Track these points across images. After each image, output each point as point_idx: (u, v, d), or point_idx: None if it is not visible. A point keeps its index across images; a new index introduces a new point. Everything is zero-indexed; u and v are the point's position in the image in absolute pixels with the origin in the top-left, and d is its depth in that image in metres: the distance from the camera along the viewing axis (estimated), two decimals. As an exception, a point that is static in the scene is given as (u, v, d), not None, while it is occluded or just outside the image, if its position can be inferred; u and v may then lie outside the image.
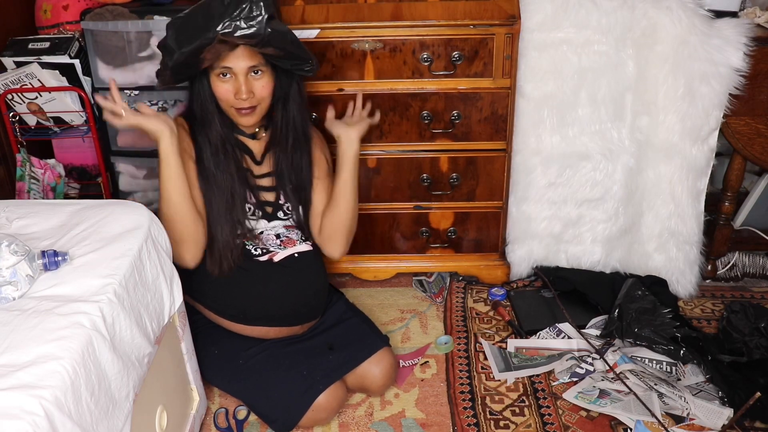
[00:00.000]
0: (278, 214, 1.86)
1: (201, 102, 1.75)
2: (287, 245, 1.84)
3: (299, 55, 1.69)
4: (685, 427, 1.77)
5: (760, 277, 2.43)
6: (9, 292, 1.24)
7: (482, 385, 1.96)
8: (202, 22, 1.58)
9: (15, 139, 2.23)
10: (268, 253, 1.81)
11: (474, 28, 1.97)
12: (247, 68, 1.68)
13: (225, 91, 1.71)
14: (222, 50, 1.64)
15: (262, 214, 1.83)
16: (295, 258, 1.83)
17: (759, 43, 2.00)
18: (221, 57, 1.66)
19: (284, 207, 1.87)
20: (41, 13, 2.27)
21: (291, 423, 1.76)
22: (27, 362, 1.09)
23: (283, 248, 1.83)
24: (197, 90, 1.75)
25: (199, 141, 1.76)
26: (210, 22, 1.57)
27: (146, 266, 1.42)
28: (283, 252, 1.83)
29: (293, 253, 1.83)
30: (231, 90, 1.70)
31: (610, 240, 2.28)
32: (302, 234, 1.88)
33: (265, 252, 1.81)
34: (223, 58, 1.66)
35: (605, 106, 2.11)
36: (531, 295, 2.32)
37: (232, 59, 1.66)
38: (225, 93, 1.71)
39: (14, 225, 1.45)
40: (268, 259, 1.81)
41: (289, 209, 1.87)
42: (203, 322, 1.87)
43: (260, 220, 1.83)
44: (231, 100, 1.71)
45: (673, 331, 2.01)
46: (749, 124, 2.12)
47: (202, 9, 1.60)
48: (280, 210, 1.86)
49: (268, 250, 1.82)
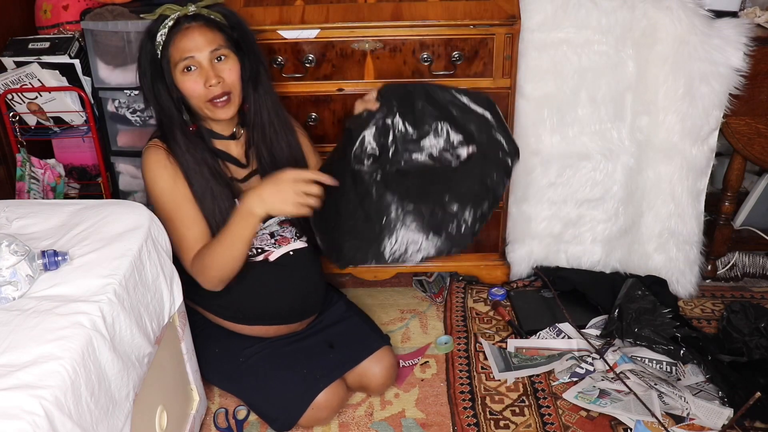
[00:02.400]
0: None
1: (168, 116, 1.70)
2: (282, 243, 1.83)
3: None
4: (685, 427, 1.77)
5: (760, 277, 2.43)
6: (9, 292, 1.24)
7: (482, 385, 1.96)
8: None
9: (15, 139, 2.23)
10: (263, 252, 1.80)
11: (474, 28, 1.97)
12: (209, 53, 1.65)
13: (194, 85, 1.66)
14: (180, 40, 1.64)
15: None
16: (290, 256, 1.82)
17: (759, 43, 2.00)
18: (180, 47, 1.64)
19: None
20: (41, 13, 2.27)
21: (291, 422, 1.76)
22: (27, 362, 1.09)
23: (278, 247, 1.82)
24: (161, 103, 1.70)
25: (180, 160, 1.71)
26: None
27: (146, 266, 1.42)
28: (278, 251, 1.81)
29: (288, 251, 1.82)
30: (199, 81, 1.66)
31: (610, 240, 2.28)
32: (296, 230, 1.86)
33: (260, 252, 1.80)
34: (183, 49, 1.64)
35: (605, 106, 2.11)
36: (531, 295, 2.32)
37: (192, 48, 1.64)
38: (194, 86, 1.66)
39: (14, 225, 1.45)
40: (263, 259, 1.79)
41: None
42: (203, 321, 1.87)
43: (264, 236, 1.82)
44: (202, 92, 1.66)
45: (673, 331, 2.01)
46: (749, 124, 2.12)
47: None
48: None
49: (263, 250, 1.80)
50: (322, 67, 2.01)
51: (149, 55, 1.67)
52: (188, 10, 1.67)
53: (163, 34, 1.65)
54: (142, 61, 1.70)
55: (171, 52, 1.65)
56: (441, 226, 1.53)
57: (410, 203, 1.52)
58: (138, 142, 2.28)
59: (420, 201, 1.52)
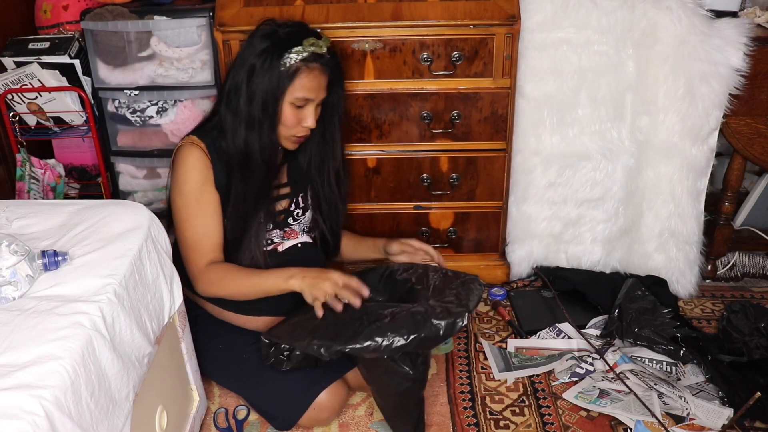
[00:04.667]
0: (288, 221, 1.88)
1: (257, 117, 1.70)
2: (290, 236, 1.87)
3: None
4: (685, 427, 1.77)
5: (760, 277, 2.43)
6: (9, 292, 1.24)
7: (482, 385, 1.96)
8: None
9: (15, 139, 2.24)
10: (272, 244, 1.84)
11: (474, 28, 1.97)
12: (320, 100, 1.73)
13: (294, 119, 1.71)
14: (307, 76, 1.67)
15: (273, 226, 1.84)
16: (298, 248, 1.86)
17: (759, 43, 2.00)
18: (305, 85, 1.68)
19: (294, 213, 1.88)
20: (41, 13, 2.27)
21: (291, 421, 1.76)
22: (27, 362, 1.09)
23: (286, 239, 1.86)
24: (252, 110, 1.70)
25: (231, 162, 1.73)
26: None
27: (146, 266, 1.42)
28: (286, 243, 1.86)
29: (296, 244, 1.87)
30: (300, 118, 1.72)
31: (610, 240, 2.28)
32: (304, 227, 1.91)
33: (269, 243, 1.84)
34: (308, 88, 1.68)
35: (605, 106, 2.11)
36: (531, 295, 2.32)
37: (315, 89, 1.70)
38: (294, 121, 1.71)
39: (14, 225, 1.45)
40: (272, 249, 1.83)
41: (298, 215, 1.89)
42: (206, 318, 1.87)
43: (273, 231, 1.85)
44: (296, 128, 1.73)
45: (673, 331, 2.01)
46: (749, 124, 2.12)
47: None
48: (290, 216, 1.88)
49: (273, 242, 1.84)
50: (322, 67, 2.01)
51: (271, 63, 1.66)
52: (324, 51, 1.69)
53: (295, 60, 1.66)
54: (251, 57, 1.68)
55: (294, 81, 1.67)
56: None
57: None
58: (138, 142, 2.28)
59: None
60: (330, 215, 1.94)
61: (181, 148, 1.75)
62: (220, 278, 1.73)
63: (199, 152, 1.72)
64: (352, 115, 2.08)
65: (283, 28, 1.72)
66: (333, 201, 1.92)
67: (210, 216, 1.74)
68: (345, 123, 2.06)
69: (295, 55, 1.66)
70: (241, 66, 1.69)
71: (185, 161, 1.72)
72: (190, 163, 1.72)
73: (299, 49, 1.66)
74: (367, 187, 2.20)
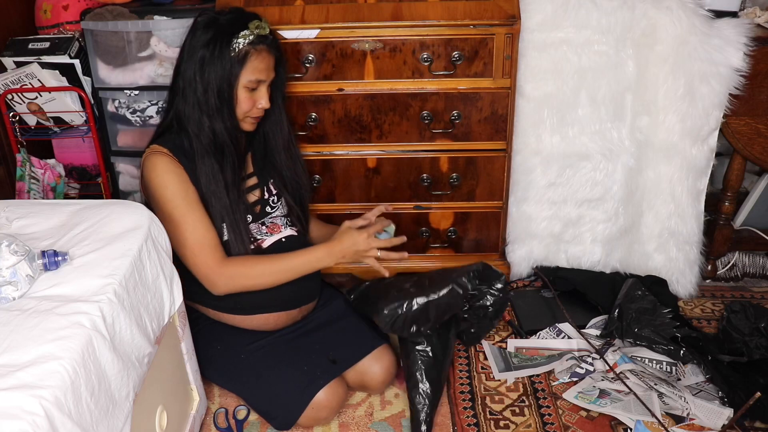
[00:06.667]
0: (266, 209, 1.87)
1: (209, 112, 1.71)
2: (273, 231, 1.86)
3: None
4: (685, 427, 1.77)
5: (760, 277, 2.43)
6: (9, 292, 1.24)
7: (482, 385, 1.96)
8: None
9: (15, 139, 2.24)
10: (255, 241, 1.82)
11: (474, 28, 1.97)
12: (270, 79, 1.75)
13: (248, 102, 1.73)
14: (256, 59, 1.70)
15: (252, 218, 1.84)
16: (282, 243, 1.84)
17: (759, 43, 2.00)
18: (256, 67, 1.70)
19: (269, 201, 1.88)
20: (41, 13, 2.27)
21: (291, 420, 1.76)
22: (27, 362, 1.09)
23: (269, 235, 1.85)
24: (209, 101, 1.71)
25: (198, 165, 1.73)
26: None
27: (146, 266, 1.42)
28: (270, 238, 1.84)
29: (280, 239, 1.85)
30: (254, 100, 1.74)
31: (610, 240, 2.28)
32: (287, 219, 1.90)
33: (252, 240, 1.81)
34: (258, 70, 1.70)
35: (605, 106, 2.11)
36: (531, 295, 2.32)
37: (264, 70, 1.72)
38: (249, 103, 1.74)
39: (14, 225, 1.45)
40: (256, 247, 1.81)
41: (274, 201, 1.89)
42: (204, 319, 1.88)
43: (254, 224, 1.85)
44: (251, 110, 1.75)
45: (673, 331, 2.01)
46: (749, 124, 2.12)
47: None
48: (267, 205, 1.87)
49: (255, 239, 1.82)
50: (322, 67, 2.01)
51: (220, 51, 1.67)
52: (267, 32, 1.72)
53: (243, 45, 1.68)
54: (199, 48, 1.69)
55: (246, 65, 1.69)
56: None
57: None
58: (138, 142, 2.28)
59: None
60: (294, 192, 1.94)
61: (147, 159, 1.73)
62: (241, 271, 1.73)
63: (166, 157, 1.72)
64: (352, 115, 2.08)
65: (223, 15, 1.73)
66: (293, 177, 1.93)
67: (202, 211, 1.73)
68: (345, 123, 2.08)
69: (242, 40, 1.67)
70: (190, 59, 1.70)
71: (156, 169, 1.71)
72: (161, 169, 1.71)
73: (246, 33, 1.68)
74: (367, 187, 2.20)
